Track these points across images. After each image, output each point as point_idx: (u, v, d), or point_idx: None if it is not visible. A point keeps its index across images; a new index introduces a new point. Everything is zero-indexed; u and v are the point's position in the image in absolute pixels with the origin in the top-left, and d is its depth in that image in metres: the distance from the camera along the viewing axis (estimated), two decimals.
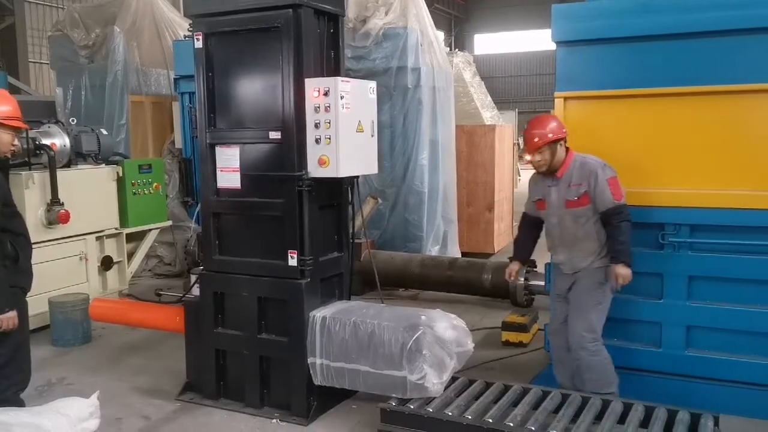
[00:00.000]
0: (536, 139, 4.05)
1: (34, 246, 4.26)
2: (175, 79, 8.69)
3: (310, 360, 4.20)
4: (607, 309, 4.14)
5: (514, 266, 4.49)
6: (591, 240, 4.10)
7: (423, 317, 4.03)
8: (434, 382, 3.86)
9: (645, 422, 3.66)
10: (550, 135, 4.03)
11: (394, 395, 3.94)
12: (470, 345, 4.14)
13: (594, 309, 4.10)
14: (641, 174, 4.27)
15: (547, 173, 4.17)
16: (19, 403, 4.03)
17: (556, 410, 3.83)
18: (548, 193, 4.21)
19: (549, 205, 4.22)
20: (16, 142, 4.19)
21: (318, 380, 4.20)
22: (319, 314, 4.20)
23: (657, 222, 4.21)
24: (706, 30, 3.98)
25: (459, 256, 8.32)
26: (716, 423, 3.64)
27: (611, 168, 4.05)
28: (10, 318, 3.85)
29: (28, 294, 4.20)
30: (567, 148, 4.15)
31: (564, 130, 4.09)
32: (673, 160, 4.20)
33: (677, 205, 4.15)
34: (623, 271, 3.95)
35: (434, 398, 3.89)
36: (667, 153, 4.21)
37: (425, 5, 8.29)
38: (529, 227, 4.48)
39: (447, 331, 4.01)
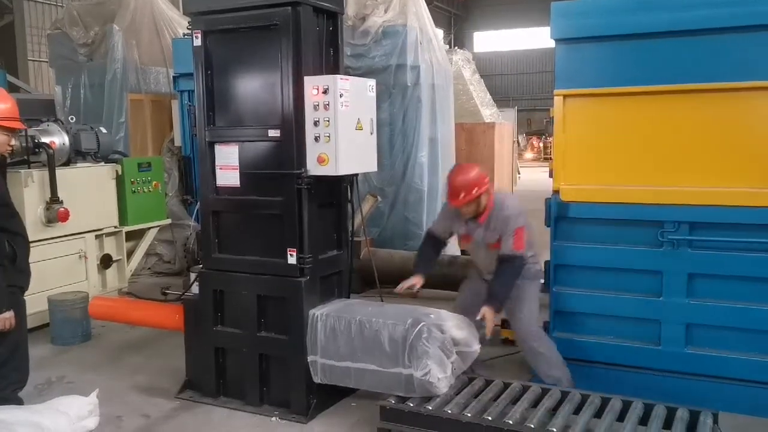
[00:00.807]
0: (462, 195, 4.16)
1: (33, 244, 4.27)
2: (174, 77, 8.67)
3: (310, 358, 4.20)
4: (537, 298, 4.44)
5: (418, 280, 4.42)
6: None
7: (432, 315, 4.04)
8: (439, 377, 3.85)
9: (644, 419, 3.67)
10: (474, 191, 4.15)
11: (401, 394, 3.93)
12: (476, 346, 4.13)
13: (528, 302, 4.37)
14: (640, 171, 4.27)
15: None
16: (18, 402, 4.04)
17: (556, 408, 3.84)
18: (473, 231, 4.38)
19: (475, 242, 4.45)
20: (13, 142, 4.18)
21: (318, 378, 4.20)
22: (319, 312, 4.20)
23: (656, 219, 4.21)
24: (705, 27, 3.98)
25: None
26: (715, 420, 3.65)
27: (523, 217, 4.27)
28: (6, 318, 3.85)
29: (27, 293, 4.20)
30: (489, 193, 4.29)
31: (486, 180, 4.20)
32: (672, 158, 4.20)
33: (676, 203, 4.15)
34: (489, 315, 4.07)
35: (433, 396, 3.90)
36: (667, 150, 4.21)
37: (424, 3, 8.29)
38: (434, 245, 4.58)
39: (453, 329, 4.01)
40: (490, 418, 3.65)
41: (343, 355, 4.09)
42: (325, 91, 4.03)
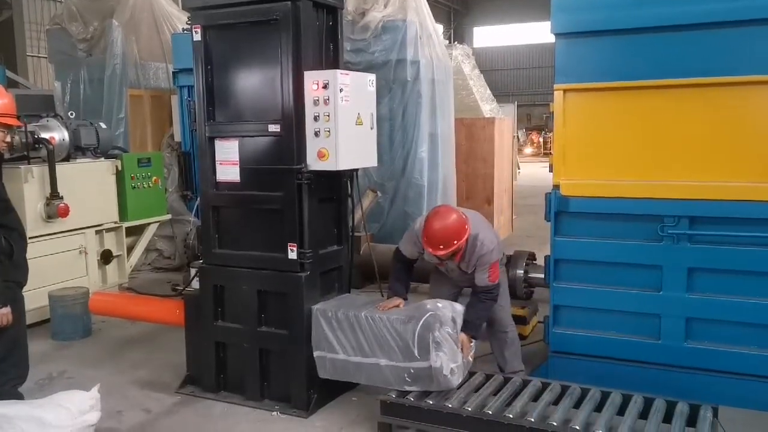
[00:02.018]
0: (442, 247, 4.10)
1: (33, 240, 4.27)
2: (173, 72, 8.67)
3: (317, 354, 4.18)
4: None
5: (400, 302, 4.22)
6: None
7: (440, 305, 4.02)
8: (452, 367, 3.84)
9: (644, 413, 3.68)
10: (455, 242, 4.10)
11: (415, 388, 3.91)
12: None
13: (505, 293, 4.66)
14: (640, 166, 4.26)
15: None
16: (18, 397, 4.04)
17: (556, 402, 3.85)
18: (446, 264, 4.41)
19: (448, 269, 4.49)
20: (8, 139, 4.17)
21: (327, 374, 4.18)
22: (325, 308, 4.19)
23: (656, 214, 4.21)
24: (706, 21, 3.97)
25: None
26: (715, 414, 3.66)
27: (498, 252, 4.31)
28: (4, 314, 3.85)
29: (27, 288, 4.19)
30: None
31: (466, 226, 4.14)
32: (672, 152, 4.19)
33: (676, 197, 4.15)
34: (466, 341, 4.06)
35: (435, 390, 3.90)
36: (667, 144, 4.20)
37: None
38: (405, 267, 4.53)
39: (461, 321, 4.02)
40: (490, 412, 3.67)
41: (352, 351, 4.07)
42: (325, 86, 4.03)
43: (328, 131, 4.06)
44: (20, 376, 4.17)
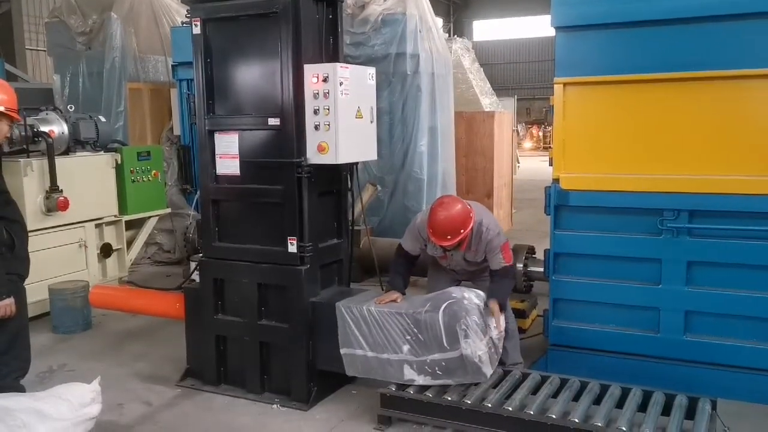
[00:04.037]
0: (448, 237, 4.11)
1: (33, 233, 4.26)
2: (173, 65, 8.65)
3: (345, 351, 4.13)
4: None
5: (398, 296, 4.25)
6: None
7: (465, 294, 4.02)
8: (479, 354, 3.82)
9: (643, 406, 3.69)
10: (461, 232, 4.10)
11: (449, 382, 3.90)
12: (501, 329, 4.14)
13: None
14: (640, 159, 4.27)
15: None
16: (19, 390, 4.05)
17: (555, 395, 3.86)
18: (451, 255, 4.40)
19: (451, 261, 4.48)
20: (8, 134, 4.16)
21: (356, 371, 4.15)
22: (350, 304, 4.14)
23: (656, 208, 4.22)
24: (706, 15, 3.97)
25: None
26: (714, 407, 3.68)
27: (503, 235, 4.32)
28: (7, 305, 3.85)
29: (27, 281, 4.20)
30: None
31: (471, 216, 4.15)
32: (672, 146, 4.20)
33: (676, 191, 4.15)
34: (497, 308, 4.03)
35: (432, 386, 3.91)
36: (667, 138, 4.20)
37: None
38: (406, 263, 4.53)
39: (484, 311, 4.02)
40: (489, 405, 3.68)
41: (380, 348, 4.03)
42: (325, 80, 4.03)
43: (328, 125, 4.06)
44: (22, 368, 4.18)
